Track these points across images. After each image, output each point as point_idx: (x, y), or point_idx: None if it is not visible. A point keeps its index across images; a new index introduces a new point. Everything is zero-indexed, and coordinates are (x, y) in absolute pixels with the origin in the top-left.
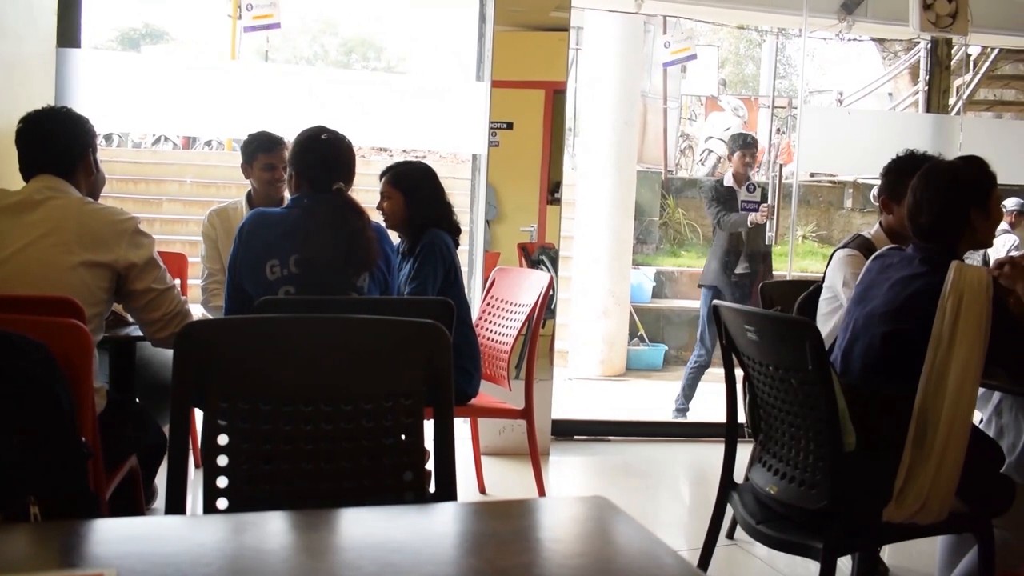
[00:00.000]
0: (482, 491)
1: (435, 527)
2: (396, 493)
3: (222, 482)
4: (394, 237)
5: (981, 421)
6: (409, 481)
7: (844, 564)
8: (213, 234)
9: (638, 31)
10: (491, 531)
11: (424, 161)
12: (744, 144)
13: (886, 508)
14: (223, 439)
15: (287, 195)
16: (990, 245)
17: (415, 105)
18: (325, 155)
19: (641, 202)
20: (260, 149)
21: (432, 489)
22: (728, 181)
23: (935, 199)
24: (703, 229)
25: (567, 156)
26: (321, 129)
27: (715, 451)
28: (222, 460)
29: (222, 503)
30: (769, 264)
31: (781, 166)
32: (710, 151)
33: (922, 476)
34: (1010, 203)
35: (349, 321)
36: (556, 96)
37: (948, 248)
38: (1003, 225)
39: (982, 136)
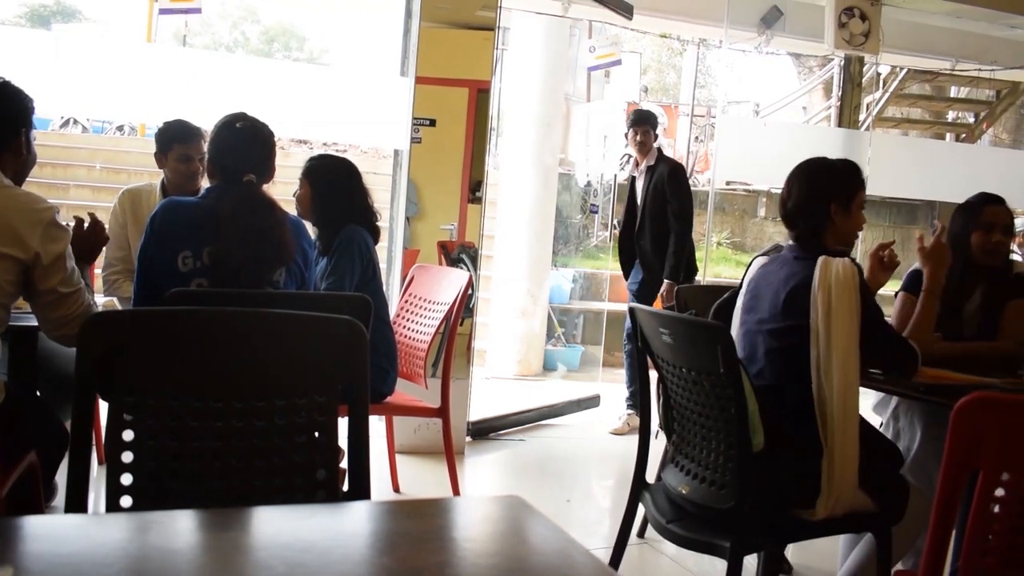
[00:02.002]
0: (396, 490)
1: (347, 526)
2: (308, 492)
3: (126, 479)
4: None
5: (881, 426)
6: (322, 479)
7: (750, 562)
8: (122, 216)
9: (564, 35)
10: (404, 530)
11: (344, 156)
12: (636, 120)
13: (812, 508)
14: (128, 435)
15: (205, 186)
16: (851, 242)
17: (337, 98)
18: (239, 144)
19: (561, 203)
20: (176, 139)
21: (346, 488)
22: (630, 170)
23: (801, 186)
24: (604, 232)
25: (490, 155)
26: (238, 116)
27: (633, 442)
28: (127, 456)
29: (126, 501)
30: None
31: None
32: (630, 156)
33: (831, 471)
34: (1020, 222)
35: (263, 315)
36: (480, 95)
37: (814, 240)
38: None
39: (889, 152)
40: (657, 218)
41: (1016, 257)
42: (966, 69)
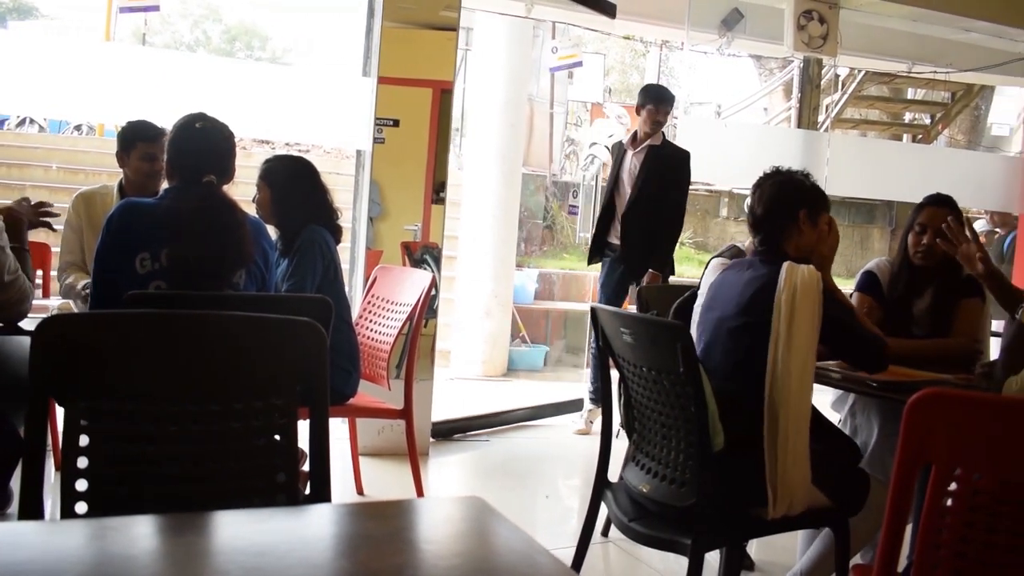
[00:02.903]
0: (360, 492)
1: (307, 529)
2: (268, 495)
3: (82, 485)
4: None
5: (839, 422)
6: (282, 483)
7: (713, 559)
8: (76, 221)
9: (527, 35)
10: (365, 533)
11: (304, 156)
12: (661, 98)
13: (768, 507)
14: (84, 440)
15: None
16: (819, 261)
17: (300, 98)
18: (198, 144)
19: (526, 204)
20: (140, 137)
21: (308, 491)
22: (623, 145)
23: (772, 192)
24: (586, 232)
25: (453, 156)
26: (198, 116)
27: (597, 441)
28: (82, 462)
29: (81, 507)
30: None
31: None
32: (594, 157)
33: (783, 471)
34: (978, 226)
35: (220, 318)
36: (443, 95)
37: (778, 246)
38: None
39: (848, 152)
40: (653, 202)
41: None
42: (922, 71)
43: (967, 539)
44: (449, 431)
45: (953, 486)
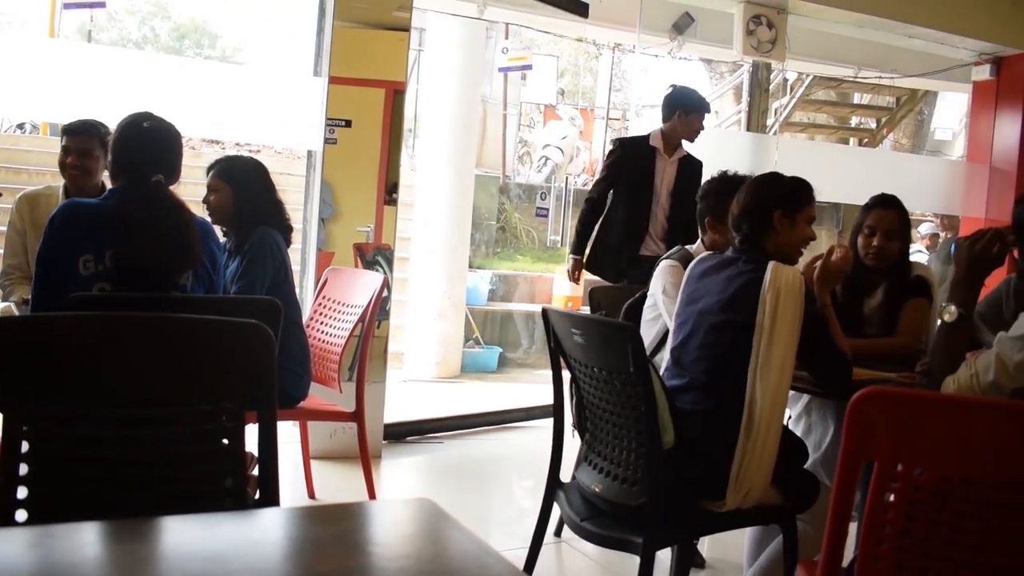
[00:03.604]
0: (311, 496)
1: (254, 534)
2: (215, 500)
3: (22, 492)
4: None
5: (790, 419)
6: (229, 487)
7: (666, 557)
8: (19, 223)
9: (480, 36)
10: (312, 536)
11: (255, 156)
12: (705, 105)
13: (723, 500)
14: (25, 445)
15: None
16: (794, 259)
17: (250, 97)
18: (145, 144)
19: (479, 205)
20: (64, 132)
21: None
22: (654, 142)
23: (748, 192)
24: (538, 234)
25: (406, 157)
26: (144, 116)
27: (549, 441)
28: (23, 468)
29: (21, 515)
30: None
31: (568, 177)
32: (547, 158)
33: (750, 464)
34: (924, 228)
35: (166, 320)
36: (396, 96)
37: (756, 244)
38: (918, 246)
39: (796, 155)
40: (679, 216)
41: (922, 257)
42: (868, 77)
43: (908, 533)
44: (402, 433)
45: (896, 482)
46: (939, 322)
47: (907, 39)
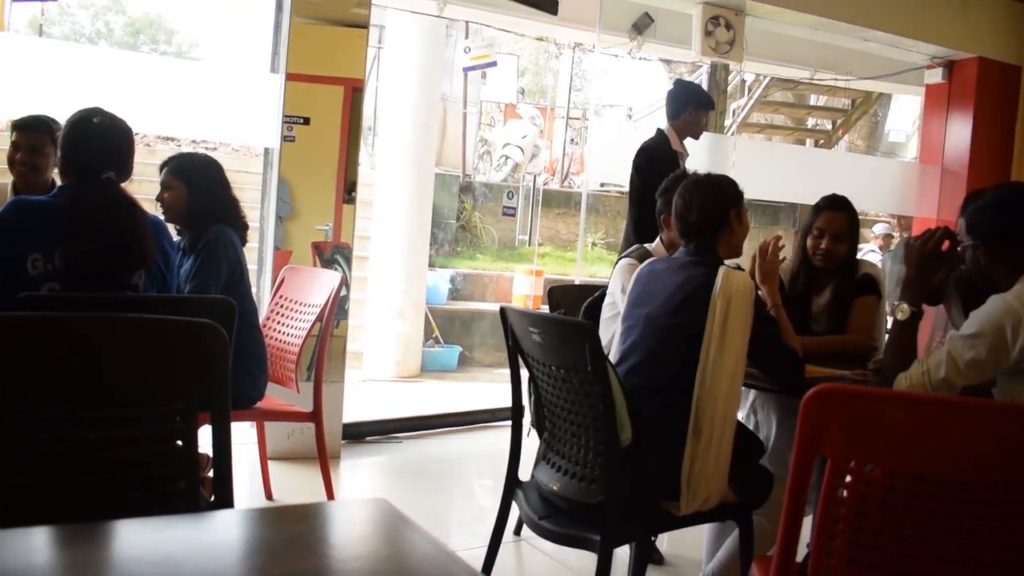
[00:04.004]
0: (269, 497)
1: (206, 536)
2: (168, 503)
3: None
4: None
5: (740, 417)
6: (182, 489)
7: (625, 554)
8: None
9: (440, 34)
10: (265, 538)
11: (211, 153)
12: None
13: (681, 503)
14: None
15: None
16: (740, 253)
17: (206, 94)
18: (95, 140)
19: (439, 204)
20: (14, 128)
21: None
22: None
23: (704, 199)
24: (499, 233)
25: (366, 155)
26: (95, 111)
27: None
28: None
29: None
30: None
31: (535, 176)
32: (507, 157)
33: (703, 468)
34: (878, 228)
35: (118, 320)
36: (355, 94)
37: (711, 248)
38: (871, 246)
39: (753, 156)
40: None
41: (875, 257)
42: (824, 79)
43: (860, 528)
44: (361, 433)
45: (848, 478)
46: (891, 320)
47: (862, 42)
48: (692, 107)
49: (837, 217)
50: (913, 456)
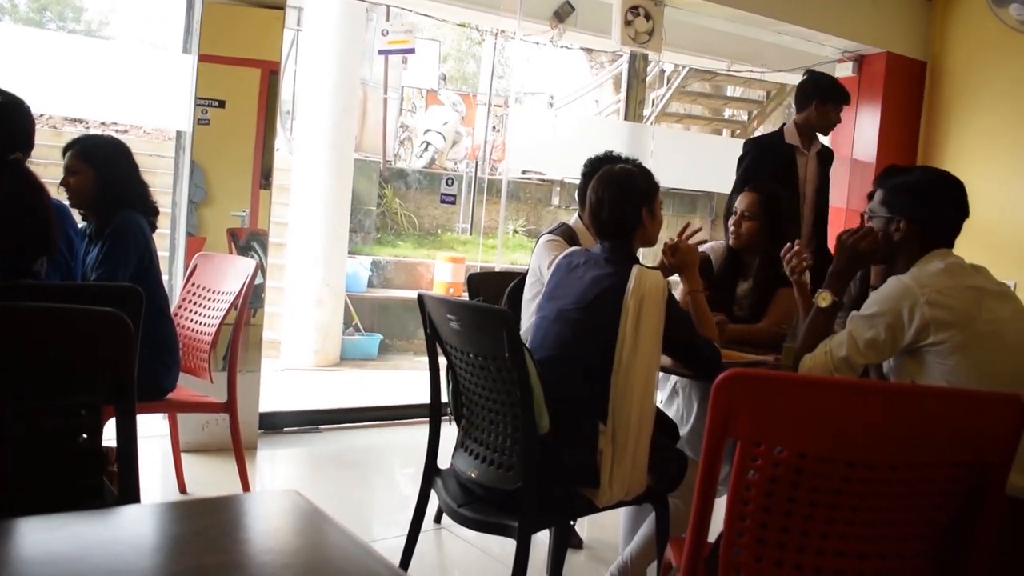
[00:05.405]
0: (183, 491)
1: (107, 533)
2: (72, 499)
3: None
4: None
5: (661, 401)
6: (87, 485)
7: (545, 539)
8: None
9: (360, 18)
10: (171, 533)
11: (122, 136)
12: (846, 97)
13: (600, 494)
14: None
15: None
16: (655, 243)
17: (116, 74)
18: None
19: (358, 191)
20: None
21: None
22: (790, 139)
23: (616, 198)
24: (419, 220)
25: (285, 140)
26: None
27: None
28: None
29: None
30: None
31: (476, 163)
32: (428, 143)
33: (623, 465)
34: None
35: (17, 309)
36: (272, 76)
37: (626, 245)
38: None
39: (671, 145)
40: (819, 219)
41: None
42: (740, 70)
43: (769, 509)
44: (279, 423)
45: (758, 461)
46: (813, 305)
47: (777, 35)
48: (816, 101)
49: (748, 196)
50: (820, 438)
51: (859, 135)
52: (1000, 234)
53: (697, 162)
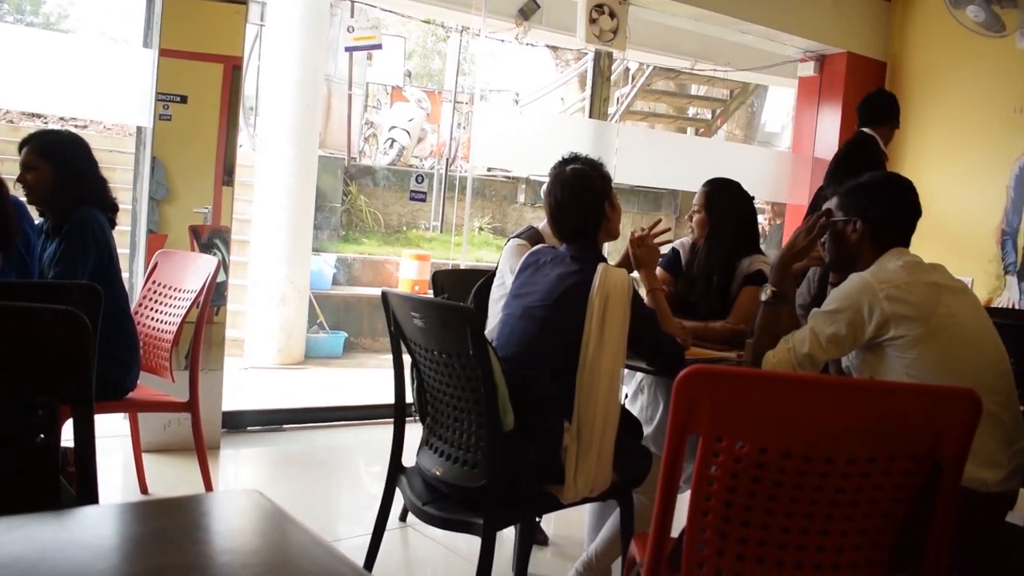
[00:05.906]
0: (144, 491)
1: (64, 534)
2: (29, 500)
3: None
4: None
5: (627, 397)
6: (44, 486)
7: (510, 536)
8: None
9: (324, 13)
10: (129, 534)
11: (81, 132)
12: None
13: (565, 490)
14: None
15: None
16: (618, 235)
17: (75, 68)
18: None
19: (323, 188)
20: None
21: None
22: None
23: (577, 200)
24: (384, 217)
25: (248, 136)
26: None
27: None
28: None
29: None
30: None
31: (448, 161)
32: (394, 140)
33: (588, 461)
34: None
35: None
36: (235, 72)
37: (592, 243)
38: None
39: (636, 143)
40: None
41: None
42: (704, 69)
43: (731, 504)
44: (243, 423)
45: (719, 456)
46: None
47: (740, 35)
48: (891, 125)
49: (700, 191)
50: (780, 433)
51: (820, 134)
52: (957, 231)
53: (662, 160)
